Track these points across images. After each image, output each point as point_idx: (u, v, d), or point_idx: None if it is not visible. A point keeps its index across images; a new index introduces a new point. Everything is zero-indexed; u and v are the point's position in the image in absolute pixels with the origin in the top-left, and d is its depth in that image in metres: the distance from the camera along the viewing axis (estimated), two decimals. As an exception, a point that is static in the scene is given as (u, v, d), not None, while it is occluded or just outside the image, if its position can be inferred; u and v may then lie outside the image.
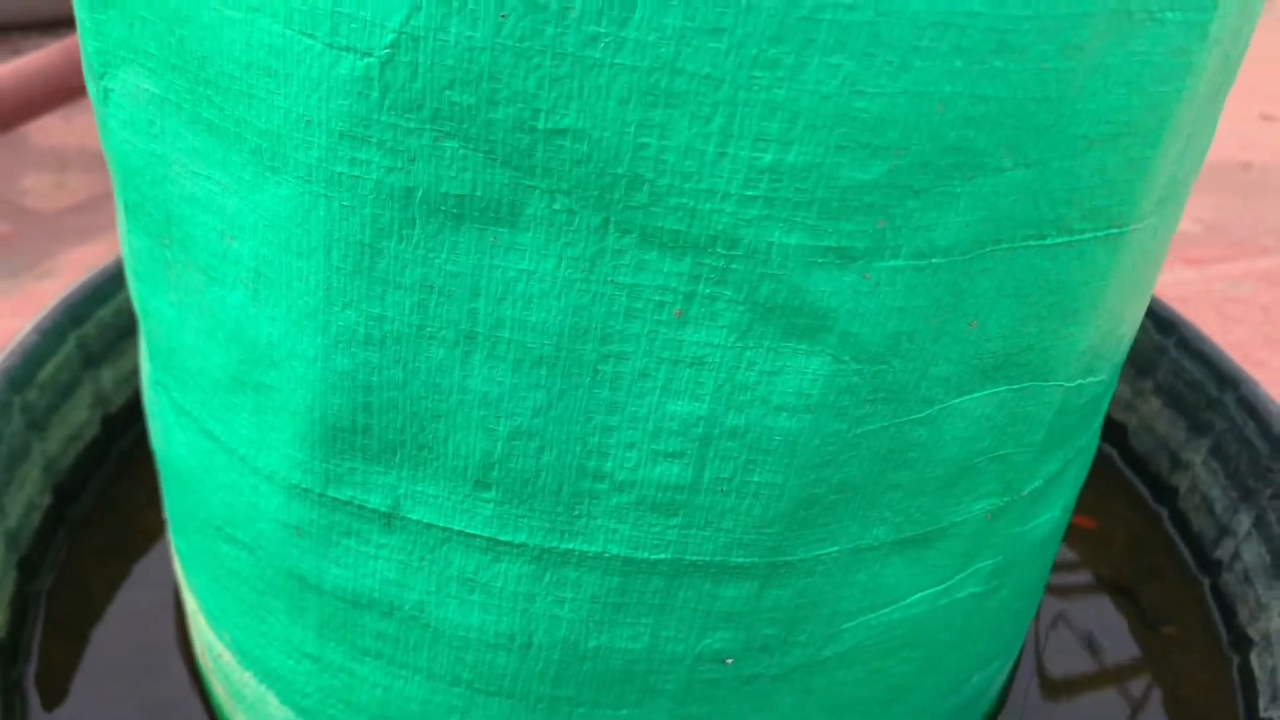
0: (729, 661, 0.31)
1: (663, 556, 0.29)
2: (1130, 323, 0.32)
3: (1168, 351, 0.54)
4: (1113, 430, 0.58)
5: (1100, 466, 0.58)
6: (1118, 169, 0.25)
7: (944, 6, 0.21)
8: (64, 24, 1.16)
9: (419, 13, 0.22)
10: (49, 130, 0.93)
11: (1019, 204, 0.25)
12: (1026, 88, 0.23)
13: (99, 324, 0.52)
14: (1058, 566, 0.52)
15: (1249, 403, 0.50)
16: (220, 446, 0.31)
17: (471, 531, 0.29)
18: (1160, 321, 0.55)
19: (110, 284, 0.53)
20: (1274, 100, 1.09)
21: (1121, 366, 0.36)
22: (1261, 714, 0.44)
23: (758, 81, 0.22)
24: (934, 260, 0.25)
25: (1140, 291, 0.31)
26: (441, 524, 0.29)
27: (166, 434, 0.35)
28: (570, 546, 0.29)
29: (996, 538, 0.33)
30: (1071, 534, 0.54)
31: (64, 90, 0.82)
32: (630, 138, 0.23)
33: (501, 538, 0.29)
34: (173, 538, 0.40)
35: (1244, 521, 0.49)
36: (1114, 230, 0.26)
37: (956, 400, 0.28)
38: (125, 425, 0.54)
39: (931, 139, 0.23)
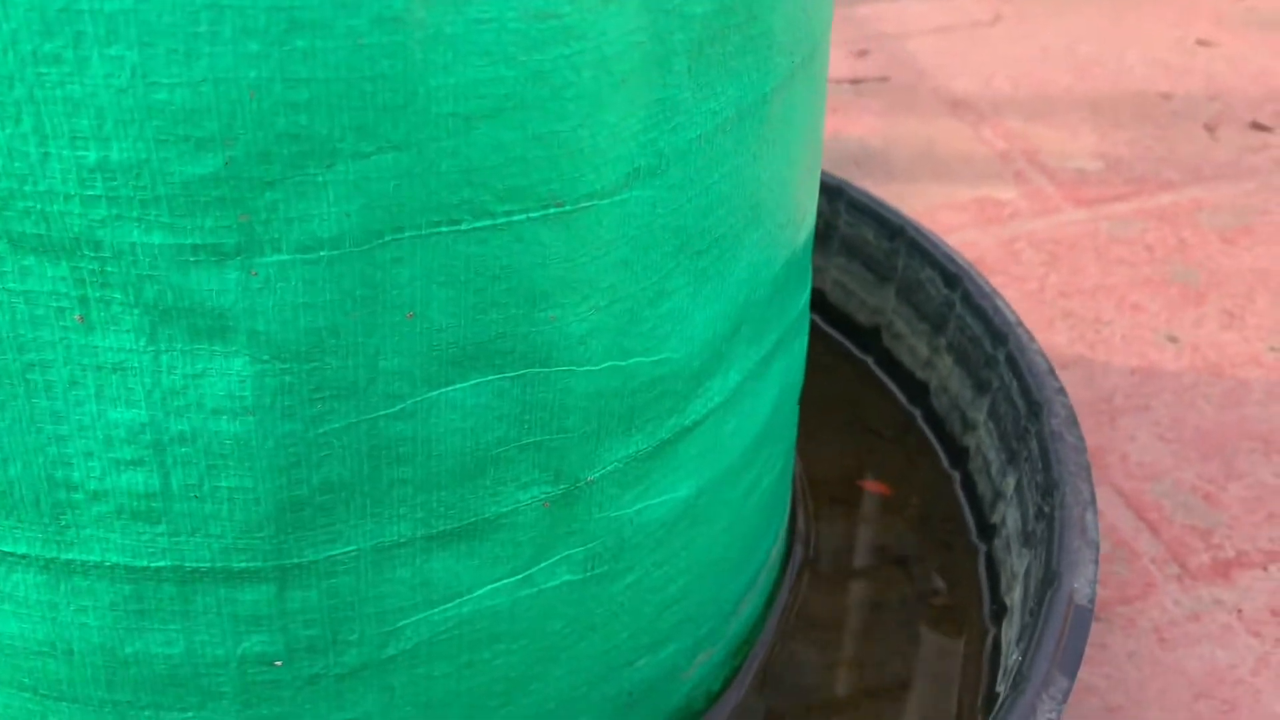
0: (278, 664, 0.30)
1: (164, 564, 0.28)
2: (696, 297, 0.30)
3: (954, 307, 0.52)
4: (915, 390, 0.55)
5: (904, 429, 0.55)
6: (523, 146, 0.23)
7: (210, -13, 0.20)
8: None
9: None
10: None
11: (405, 190, 0.23)
12: (351, 66, 0.21)
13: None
14: (831, 537, 0.50)
15: (1014, 360, 0.47)
16: None
17: (-24, 543, 0.28)
18: (948, 276, 0.52)
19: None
20: (1216, 23, 1.03)
21: (739, 339, 0.34)
22: (996, 687, 0.42)
23: (47, 78, 0.21)
24: (324, 253, 0.23)
25: (680, 266, 0.29)
26: (-51, 536, 0.28)
27: None
28: (71, 557, 0.28)
29: (579, 524, 0.32)
30: (864, 501, 0.53)
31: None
32: (-49, 143, 0.22)
33: (4, 549, 0.28)
34: None
35: (1010, 485, 0.47)
36: (555, 209, 0.25)
37: (434, 393, 0.26)
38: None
39: (259, 128, 0.21)
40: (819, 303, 0.61)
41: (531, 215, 0.24)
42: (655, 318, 0.29)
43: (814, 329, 0.61)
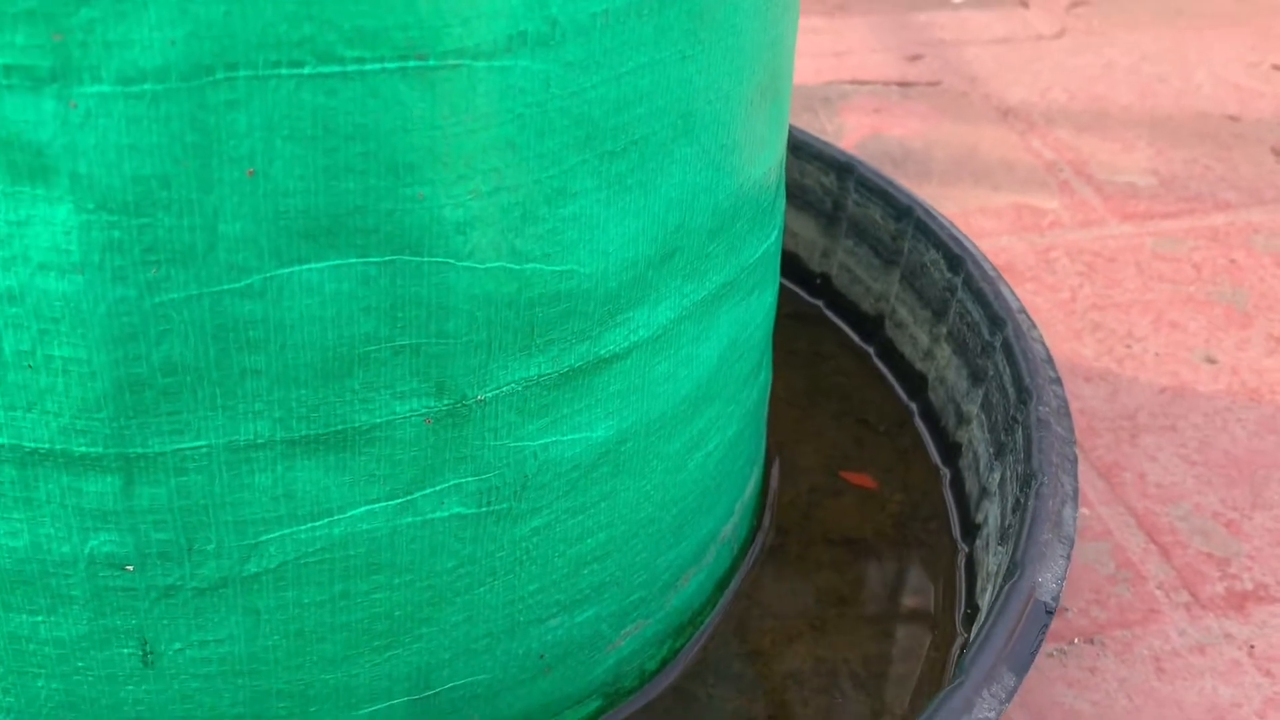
0: (129, 568, 0.28)
1: (2, 441, 0.26)
2: (610, 206, 0.27)
3: (956, 291, 0.48)
4: (915, 382, 0.52)
5: (899, 423, 0.52)
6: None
7: None
8: None
9: None
10: None
11: (237, 18, 0.21)
12: None
13: None
14: (802, 526, 0.47)
15: (1010, 346, 0.43)
16: None
17: None
18: (951, 258, 0.48)
19: None
20: (1298, 50, 0.97)
21: (671, 269, 0.31)
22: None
23: None
24: (148, 86, 0.21)
25: (587, 165, 0.26)
26: None
27: None
28: (-93, 426, 0.26)
29: (470, 450, 0.29)
30: (845, 493, 0.49)
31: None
32: None
33: None
34: None
35: (995, 481, 0.43)
36: (416, 63, 0.22)
37: (286, 270, 0.24)
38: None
39: (67, -72, 0.19)
40: (825, 289, 0.57)
41: (387, 66, 0.22)
42: (556, 219, 0.26)
43: (817, 317, 0.58)
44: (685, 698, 0.40)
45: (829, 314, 0.57)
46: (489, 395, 0.28)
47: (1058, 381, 0.42)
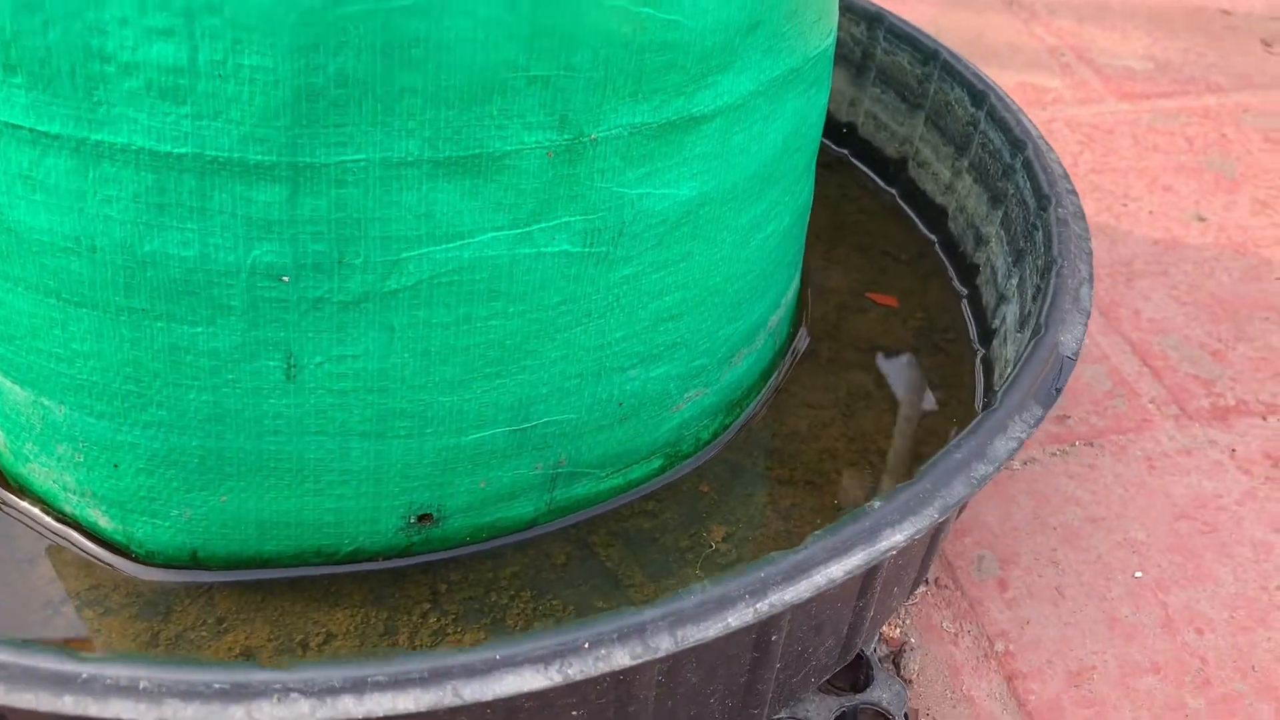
0: (285, 279, 0.32)
1: (185, 150, 0.30)
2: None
3: (979, 124, 0.52)
4: (935, 215, 0.56)
5: (920, 254, 0.56)
6: None
7: None
8: None
9: None
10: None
11: None
12: None
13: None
14: (833, 334, 0.51)
15: (1030, 164, 0.48)
16: None
17: (15, 122, 0.30)
18: (975, 94, 0.53)
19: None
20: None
21: (753, 42, 0.35)
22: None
23: None
24: None
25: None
26: (-9, 115, 0.30)
27: None
28: (100, 138, 0.30)
29: (581, 189, 0.33)
30: (870, 310, 0.53)
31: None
32: None
33: (40, 128, 0.30)
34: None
35: (1013, 286, 0.48)
36: None
37: (449, -9, 0.28)
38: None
39: None
40: (851, 137, 0.61)
41: None
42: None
43: (844, 163, 0.62)
44: (732, 466, 0.45)
45: (855, 161, 0.61)
46: (601, 135, 0.32)
47: (1074, 192, 0.46)
